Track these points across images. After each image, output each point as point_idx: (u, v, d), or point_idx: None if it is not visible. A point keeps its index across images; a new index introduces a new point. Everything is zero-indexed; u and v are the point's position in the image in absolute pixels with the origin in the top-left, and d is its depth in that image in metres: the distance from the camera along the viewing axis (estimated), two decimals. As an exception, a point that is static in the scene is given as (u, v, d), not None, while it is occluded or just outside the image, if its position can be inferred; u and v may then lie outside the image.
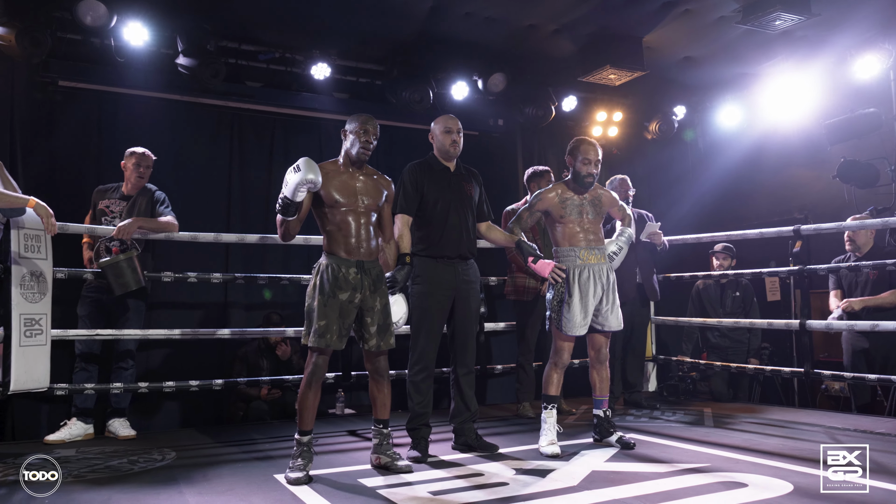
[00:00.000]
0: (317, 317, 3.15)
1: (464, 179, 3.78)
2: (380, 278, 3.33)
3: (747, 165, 6.66)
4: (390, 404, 3.41)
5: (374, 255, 3.34)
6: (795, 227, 4.69)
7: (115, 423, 4.18)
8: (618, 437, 3.74)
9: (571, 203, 3.76)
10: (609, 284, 3.74)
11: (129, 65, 4.90)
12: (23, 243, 3.71)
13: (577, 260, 3.69)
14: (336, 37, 5.31)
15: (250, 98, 5.52)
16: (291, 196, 3.07)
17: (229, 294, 5.33)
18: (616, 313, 3.77)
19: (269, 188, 5.56)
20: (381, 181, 3.42)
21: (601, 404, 3.83)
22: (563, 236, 3.76)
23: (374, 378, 3.37)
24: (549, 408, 3.72)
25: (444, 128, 3.71)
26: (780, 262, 5.60)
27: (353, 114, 3.39)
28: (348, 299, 3.20)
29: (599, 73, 5.56)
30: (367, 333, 3.28)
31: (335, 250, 3.25)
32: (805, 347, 4.78)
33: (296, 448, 3.18)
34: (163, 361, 5.02)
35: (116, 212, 4.26)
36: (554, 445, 3.57)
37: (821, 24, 5.05)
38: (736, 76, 6.28)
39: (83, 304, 4.23)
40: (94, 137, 5.04)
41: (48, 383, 3.83)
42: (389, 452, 3.31)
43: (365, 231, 3.28)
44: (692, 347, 5.84)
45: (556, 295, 3.72)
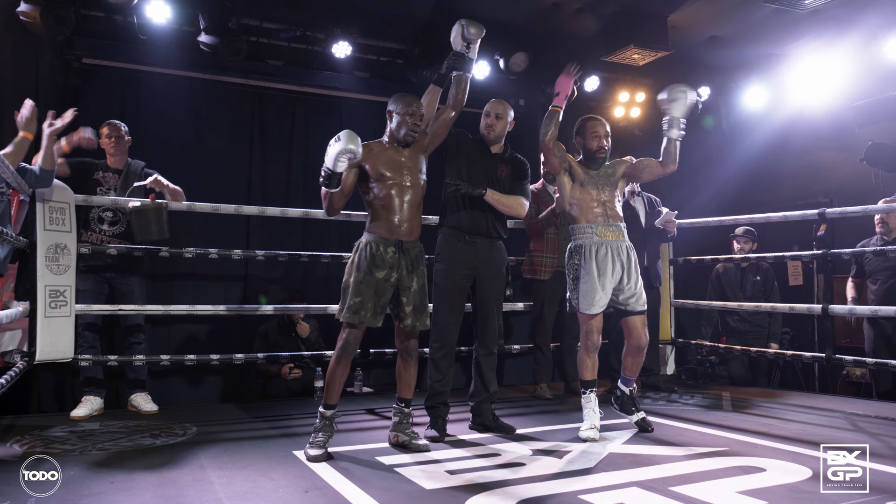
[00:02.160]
0: (352, 293, 3.18)
1: (500, 160, 3.78)
2: (419, 258, 3.33)
3: (772, 148, 6.56)
4: (415, 384, 3.43)
5: (415, 235, 3.34)
6: (820, 210, 4.61)
7: (138, 398, 4.25)
8: (640, 418, 3.68)
9: (588, 175, 3.69)
10: (630, 262, 3.63)
11: (151, 42, 4.92)
12: (48, 216, 3.77)
13: (595, 237, 3.60)
14: (357, 15, 5.29)
15: (271, 76, 5.53)
16: (332, 166, 3.06)
17: (249, 269, 5.37)
18: (640, 292, 3.65)
19: (290, 166, 5.59)
20: (419, 151, 3.43)
21: (629, 382, 3.75)
22: (579, 212, 3.66)
23: (402, 356, 3.40)
24: (588, 392, 3.63)
25: (484, 111, 3.81)
26: (803, 247, 5.54)
27: (373, 93, 3.40)
28: (385, 277, 3.21)
29: (623, 52, 5.49)
30: (403, 312, 3.30)
31: (376, 229, 3.27)
32: (827, 332, 4.74)
33: (319, 421, 3.22)
34: (185, 336, 5.08)
35: (112, 184, 4.31)
36: (592, 430, 3.50)
37: (851, 2, 4.95)
38: (762, 56, 6.17)
39: (84, 279, 4.16)
40: (116, 114, 5.04)
41: (73, 354, 3.91)
42: (408, 431, 3.34)
43: (409, 209, 3.28)
44: (711, 331, 5.81)
45: (571, 272, 3.63)
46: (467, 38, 3.42)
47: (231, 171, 5.42)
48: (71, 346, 3.89)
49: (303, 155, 5.63)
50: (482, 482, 2.75)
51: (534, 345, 4.95)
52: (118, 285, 4.28)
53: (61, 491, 2.60)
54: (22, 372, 3.58)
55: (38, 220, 3.74)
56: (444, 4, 5.11)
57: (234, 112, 5.51)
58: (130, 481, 2.76)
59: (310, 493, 2.62)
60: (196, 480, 2.79)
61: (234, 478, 2.83)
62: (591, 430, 3.49)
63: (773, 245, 5.65)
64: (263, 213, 4.64)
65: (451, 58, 3.49)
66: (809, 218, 4.75)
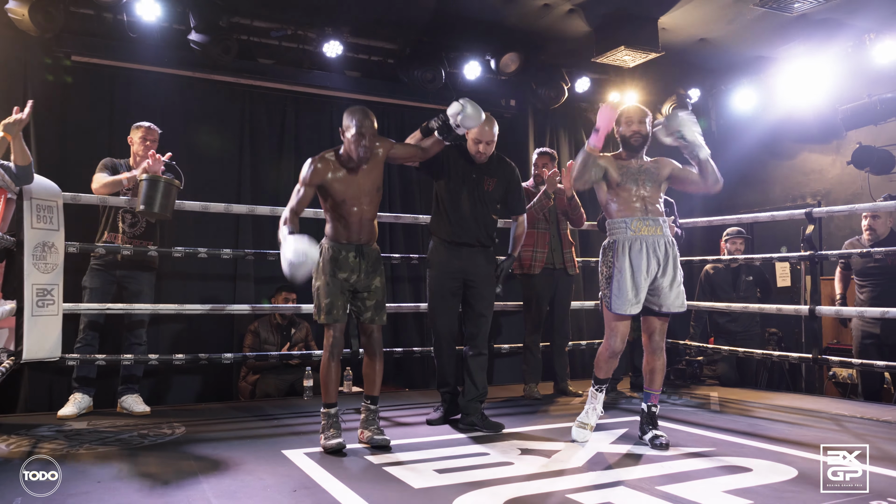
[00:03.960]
0: (322, 296, 3.33)
1: (486, 173, 3.84)
2: (378, 261, 3.47)
3: (762, 150, 6.61)
4: (380, 382, 3.51)
5: (374, 240, 3.48)
6: (808, 210, 4.65)
7: (129, 400, 4.20)
8: (652, 436, 3.37)
9: (628, 171, 3.43)
10: (668, 258, 3.35)
11: (141, 41, 4.91)
12: (35, 214, 3.73)
13: (629, 231, 3.34)
14: (349, 14, 5.29)
15: (262, 75, 5.53)
16: (289, 276, 3.06)
17: (239, 268, 5.36)
18: (677, 291, 3.38)
19: (280, 165, 5.58)
20: (378, 165, 3.43)
21: (649, 398, 3.46)
22: (617, 207, 3.41)
23: (367, 354, 3.50)
24: (595, 388, 3.50)
25: (474, 138, 3.74)
26: (791, 248, 5.58)
27: (365, 92, 3.40)
28: (346, 278, 3.36)
29: (613, 53, 5.51)
30: (364, 306, 3.43)
31: (335, 235, 3.39)
32: (814, 333, 4.77)
33: (324, 421, 3.31)
34: (174, 336, 5.06)
35: (130, 185, 4.28)
36: (582, 431, 3.44)
37: (840, 7, 4.98)
38: (752, 59, 6.21)
39: (93, 276, 4.19)
40: (106, 112, 5.05)
41: (60, 353, 3.89)
42: (372, 427, 3.39)
43: (366, 223, 3.41)
44: (700, 331, 5.83)
45: (605, 270, 3.41)
46: (462, 125, 3.42)
47: (221, 169, 5.41)
48: (58, 345, 3.86)
49: (293, 154, 5.62)
50: (470, 481, 2.75)
51: (524, 345, 4.96)
52: (127, 284, 4.25)
53: (47, 490, 2.59)
54: (8, 371, 3.55)
55: (26, 218, 3.70)
56: (436, 4, 5.11)
57: (225, 111, 5.50)
58: (118, 481, 2.74)
59: (298, 493, 2.62)
60: (184, 480, 2.78)
61: (222, 477, 2.82)
62: (581, 431, 3.45)
63: (762, 247, 5.69)
64: (253, 212, 4.64)
65: (442, 127, 3.47)
66: (797, 218, 4.79)
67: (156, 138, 4.32)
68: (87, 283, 4.19)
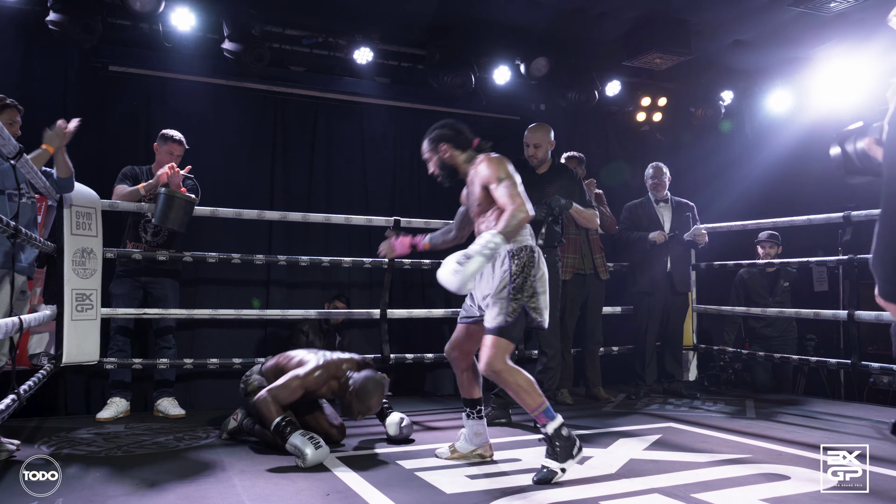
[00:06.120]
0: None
1: (547, 181, 4.09)
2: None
3: (797, 153, 6.47)
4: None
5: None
6: (845, 214, 4.55)
7: (165, 402, 4.28)
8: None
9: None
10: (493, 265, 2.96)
11: (176, 50, 5.00)
12: (74, 221, 3.83)
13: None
14: (378, 21, 5.32)
15: (294, 83, 5.59)
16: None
17: (272, 274, 5.41)
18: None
19: (312, 171, 5.63)
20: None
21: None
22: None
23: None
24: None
25: (524, 140, 4.17)
26: (827, 252, 5.46)
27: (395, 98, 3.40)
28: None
29: (645, 57, 5.47)
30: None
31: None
32: (853, 339, 4.66)
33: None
34: (207, 340, 5.12)
35: (149, 195, 4.35)
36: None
37: (878, 5, 4.87)
38: (787, 60, 6.10)
39: (119, 283, 4.28)
40: (142, 121, 5.15)
41: (98, 357, 3.96)
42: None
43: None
44: (734, 337, 5.74)
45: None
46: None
47: (253, 176, 5.47)
48: (97, 348, 3.94)
49: (325, 160, 5.67)
50: (503, 487, 2.75)
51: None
52: (153, 290, 4.33)
53: (87, 492, 2.64)
54: (49, 374, 3.63)
55: (66, 224, 3.80)
56: (466, 10, 5.12)
57: (257, 118, 5.57)
58: (154, 483, 2.79)
59: (331, 497, 2.63)
60: (219, 482, 2.82)
61: (256, 480, 2.85)
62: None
63: (798, 250, 5.58)
64: (286, 219, 4.68)
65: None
66: (834, 221, 4.69)
67: (181, 153, 4.37)
68: (114, 290, 4.28)
